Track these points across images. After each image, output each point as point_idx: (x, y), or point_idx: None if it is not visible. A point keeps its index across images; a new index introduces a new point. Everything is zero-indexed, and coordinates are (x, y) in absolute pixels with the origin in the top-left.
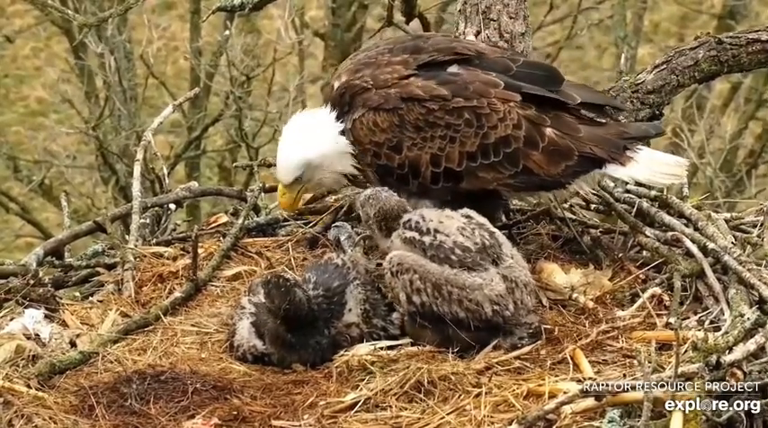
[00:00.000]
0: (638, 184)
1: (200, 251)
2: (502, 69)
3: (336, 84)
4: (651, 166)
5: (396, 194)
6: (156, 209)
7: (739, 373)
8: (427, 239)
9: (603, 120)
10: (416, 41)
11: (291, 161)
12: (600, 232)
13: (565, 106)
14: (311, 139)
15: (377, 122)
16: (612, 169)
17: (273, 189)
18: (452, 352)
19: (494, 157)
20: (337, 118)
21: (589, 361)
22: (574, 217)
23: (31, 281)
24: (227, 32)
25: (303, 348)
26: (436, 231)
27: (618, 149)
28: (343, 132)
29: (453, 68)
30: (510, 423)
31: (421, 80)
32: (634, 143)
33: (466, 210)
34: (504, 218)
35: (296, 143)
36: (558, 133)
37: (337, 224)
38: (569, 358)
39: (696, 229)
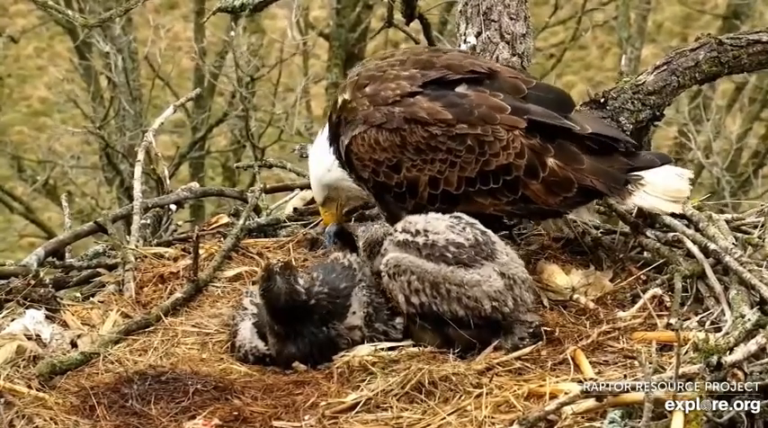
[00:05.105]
0: None
1: (200, 251)
2: (512, 91)
3: (340, 100)
4: (652, 198)
5: (387, 226)
6: (158, 209)
7: (740, 374)
8: (420, 239)
9: (613, 146)
10: (430, 55)
11: (314, 185)
12: (601, 233)
13: (570, 134)
14: (318, 169)
15: (378, 140)
16: (611, 201)
17: (275, 189)
18: (453, 353)
19: (493, 184)
20: (330, 142)
21: (590, 362)
22: (575, 217)
23: (32, 282)
24: (233, 33)
25: (298, 338)
26: (426, 231)
27: (618, 183)
28: (337, 156)
29: (462, 89)
30: (511, 424)
31: (426, 101)
32: (637, 177)
33: (455, 213)
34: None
35: (313, 168)
36: (560, 164)
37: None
38: (570, 358)
39: (697, 230)
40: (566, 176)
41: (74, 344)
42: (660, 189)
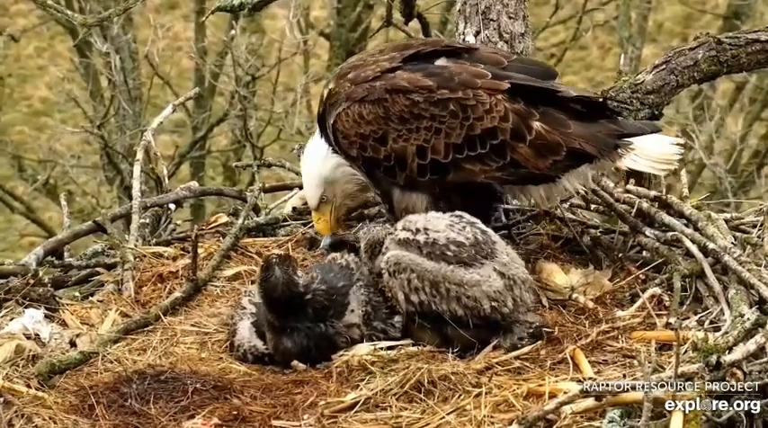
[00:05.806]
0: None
1: (200, 251)
2: (492, 63)
3: (325, 93)
4: (643, 160)
5: (387, 227)
6: (156, 208)
7: (739, 373)
8: (421, 238)
9: (600, 112)
10: (409, 41)
11: (308, 185)
12: (600, 232)
13: (555, 102)
14: (314, 162)
15: (362, 114)
16: (602, 165)
17: (274, 189)
18: (452, 352)
19: (480, 149)
20: (321, 133)
21: (589, 361)
22: (574, 217)
23: (31, 281)
24: (233, 32)
25: (294, 332)
26: (426, 229)
27: (608, 147)
28: (329, 142)
29: (441, 61)
30: (510, 424)
31: (407, 73)
32: (627, 142)
33: (457, 212)
34: (503, 219)
35: (306, 168)
36: (546, 127)
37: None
38: (569, 358)
39: (696, 229)
40: (554, 139)
41: (73, 344)
42: (651, 154)
